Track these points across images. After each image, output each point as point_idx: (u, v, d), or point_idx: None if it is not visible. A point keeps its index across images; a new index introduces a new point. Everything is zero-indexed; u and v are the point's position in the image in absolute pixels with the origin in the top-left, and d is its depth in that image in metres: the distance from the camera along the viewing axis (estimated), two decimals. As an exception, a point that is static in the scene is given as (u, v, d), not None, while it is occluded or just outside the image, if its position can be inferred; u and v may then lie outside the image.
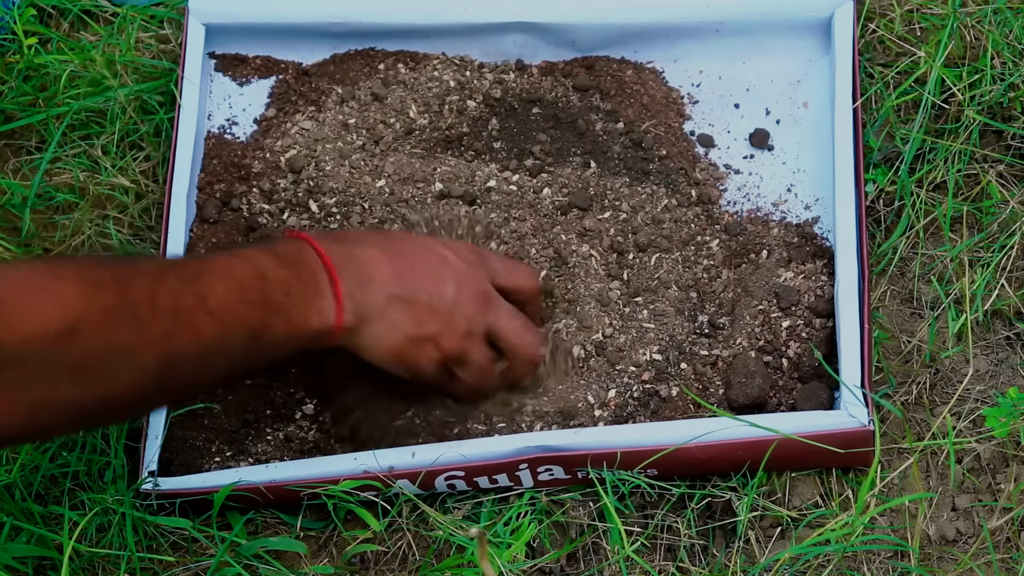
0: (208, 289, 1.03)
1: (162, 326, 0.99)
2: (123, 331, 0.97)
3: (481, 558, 0.89)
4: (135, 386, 0.99)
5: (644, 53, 1.40)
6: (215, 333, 1.03)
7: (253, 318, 1.05)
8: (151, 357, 0.99)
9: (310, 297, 1.09)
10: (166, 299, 1.00)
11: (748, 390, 1.21)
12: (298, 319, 1.08)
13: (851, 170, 1.26)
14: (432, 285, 1.15)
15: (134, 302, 0.98)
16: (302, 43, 1.42)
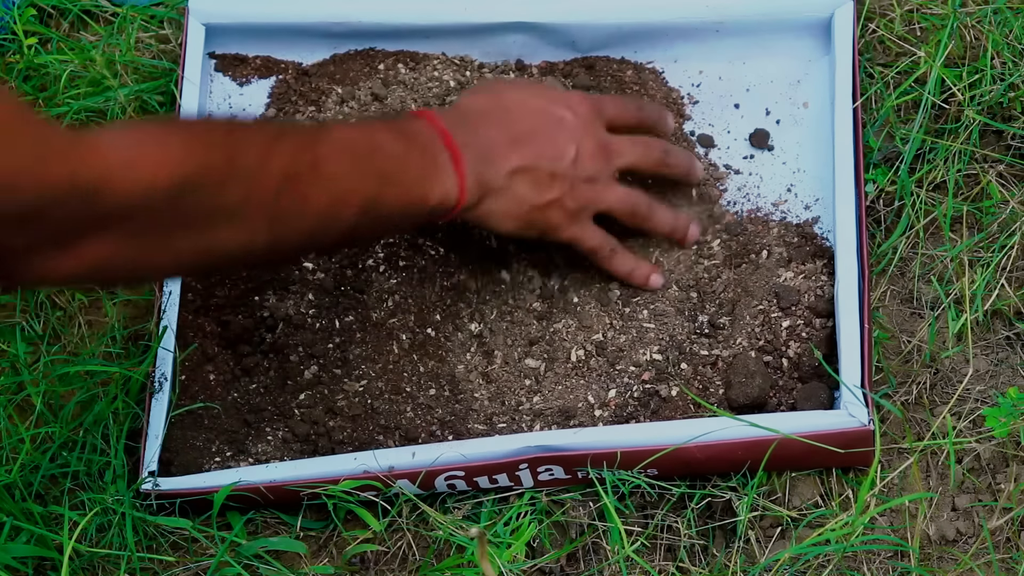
0: (322, 157, 1.05)
1: (272, 190, 1.02)
2: (232, 192, 0.99)
3: (481, 558, 0.89)
4: (244, 244, 1.02)
5: (644, 53, 1.39)
6: (327, 201, 1.05)
7: (367, 189, 1.07)
8: (260, 219, 1.01)
9: (430, 172, 1.12)
10: (278, 163, 1.02)
11: (748, 390, 1.21)
12: (416, 193, 1.11)
13: (851, 170, 1.26)
14: (552, 149, 1.18)
15: (246, 164, 1.00)
16: (302, 43, 1.42)
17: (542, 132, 1.19)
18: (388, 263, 1.29)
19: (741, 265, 1.28)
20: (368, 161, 1.08)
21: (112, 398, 1.24)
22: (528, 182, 1.17)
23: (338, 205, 1.07)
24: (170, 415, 1.23)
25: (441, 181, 1.13)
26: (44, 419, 1.24)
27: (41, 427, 1.24)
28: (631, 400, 1.23)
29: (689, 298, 1.28)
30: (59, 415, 1.24)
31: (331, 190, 1.06)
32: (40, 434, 1.24)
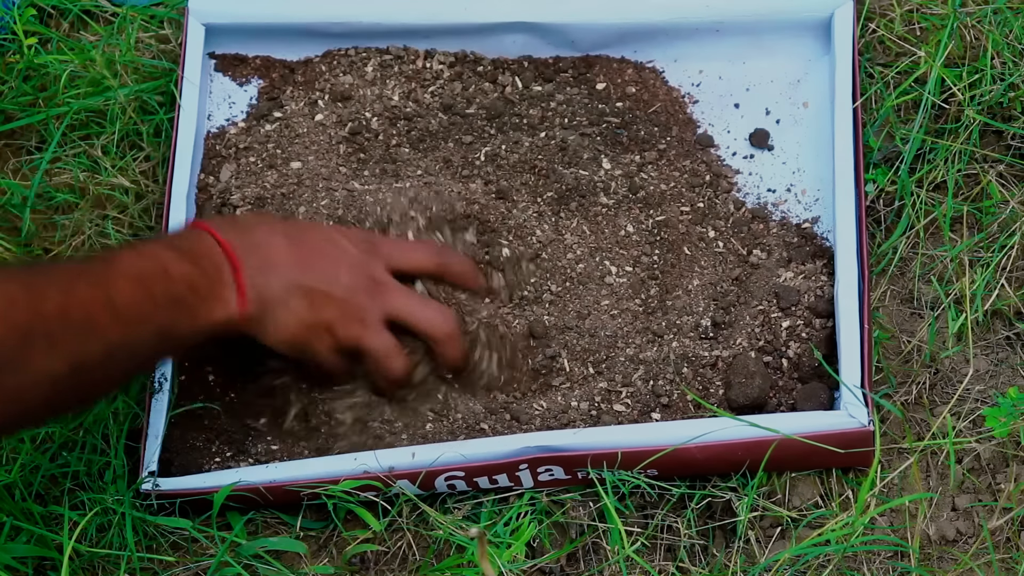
0: (116, 292, 1.06)
1: (73, 338, 1.03)
2: (36, 348, 1.00)
3: (481, 558, 0.89)
4: (47, 393, 1.02)
5: (644, 53, 1.39)
6: (122, 335, 1.06)
7: (159, 317, 1.08)
8: (63, 367, 1.02)
9: (214, 289, 1.12)
10: (77, 310, 1.03)
11: (748, 390, 1.21)
12: (203, 313, 1.11)
13: (851, 170, 1.26)
14: (328, 273, 1.18)
15: (46, 318, 1.01)
16: (302, 43, 1.42)
17: (321, 255, 1.19)
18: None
19: (742, 265, 1.29)
20: (158, 289, 1.09)
21: (112, 398, 1.24)
22: (303, 298, 1.17)
23: (133, 337, 1.07)
24: (170, 415, 1.23)
25: (224, 297, 1.13)
26: (44, 419, 1.24)
27: (41, 427, 1.24)
28: (631, 400, 1.23)
29: (689, 297, 1.28)
30: (59, 415, 1.24)
31: (126, 324, 1.06)
32: (40, 434, 1.24)
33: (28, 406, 1.02)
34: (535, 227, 1.30)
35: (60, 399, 1.05)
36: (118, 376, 1.12)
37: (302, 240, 1.19)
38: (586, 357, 1.26)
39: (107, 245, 1.35)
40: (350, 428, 1.23)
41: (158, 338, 1.09)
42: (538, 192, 1.32)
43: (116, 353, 1.06)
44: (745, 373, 1.22)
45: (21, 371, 0.99)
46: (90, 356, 1.04)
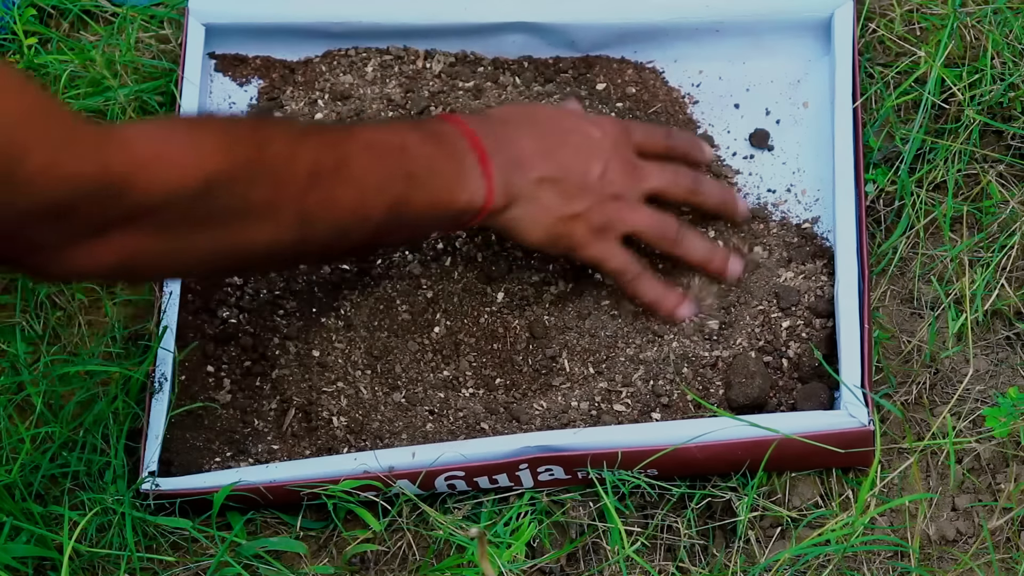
0: (349, 156, 1.06)
1: (299, 188, 1.02)
2: (260, 188, 1.00)
3: (481, 558, 0.89)
4: (271, 242, 1.02)
5: (644, 53, 1.39)
6: (354, 200, 1.05)
7: (394, 189, 1.08)
8: (288, 214, 1.02)
9: (457, 175, 1.12)
10: (305, 161, 1.03)
11: (748, 390, 1.21)
12: (443, 195, 1.11)
13: (851, 170, 1.26)
14: (580, 163, 1.18)
15: (273, 160, 1.01)
16: (302, 43, 1.42)
17: (571, 146, 1.19)
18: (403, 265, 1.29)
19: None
20: (396, 161, 1.09)
21: (112, 398, 1.24)
22: (555, 192, 1.17)
23: (365, 205, 1.07)
24: (170, 415, 1.23)
25: (469, 183, 1.13)
26: (44, 419, 1.24)
27: (41, 427, 1.24)
28: (631, 400, 1.23)
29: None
30: (59, 415, 1.24)
31: (358, 189, 1.06)
32: (40, 434, 1.24)
33: (249, 246, 1.02)
34: None
35: (284, 249, 1.05)
36: (347, 243, 1.10)
37: (551, 131, 1.19)
38: (586, 357, 1.26)
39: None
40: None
41: (390, 211, 1.08)
42: None
43: (345, 216, 1.05)
44: (745, 373, 1.22)
45: (243, 208, 0.99)
46: (318, 212, 1.03)
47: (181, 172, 0.96)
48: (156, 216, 0.96)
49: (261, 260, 1.09)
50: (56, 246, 0.92)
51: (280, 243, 1.03)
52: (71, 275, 1.02)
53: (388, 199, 1.08)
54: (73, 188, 0.89)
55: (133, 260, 0.97)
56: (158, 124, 1.04)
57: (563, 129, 1.20)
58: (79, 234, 0.93)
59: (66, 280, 1.02)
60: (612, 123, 1.24)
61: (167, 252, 0.98)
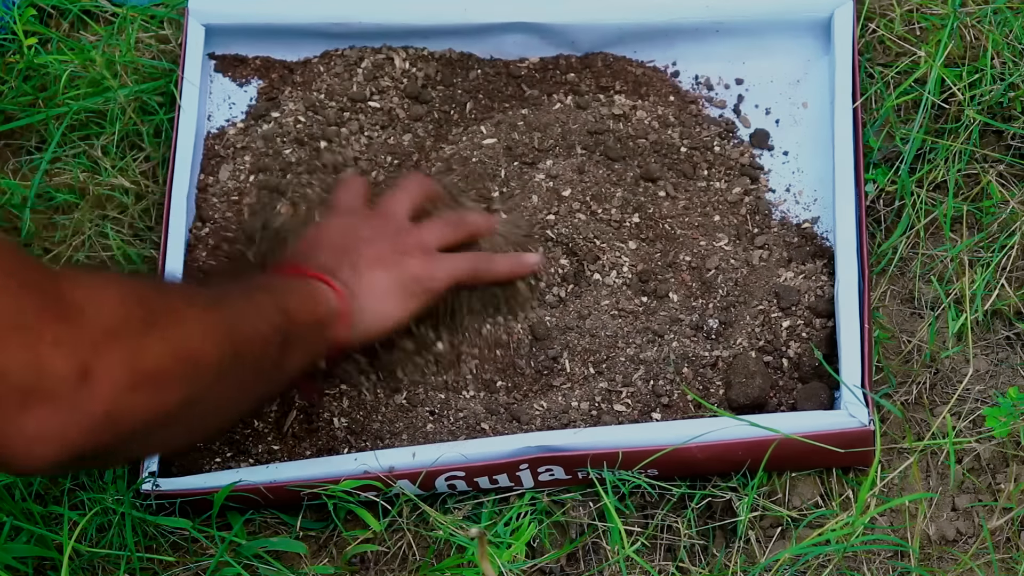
0: (229, 290, 1.08)
1: (220, 308, 1.03)
2: (192, 311, 1.00)
3: (481, 558, 0.89)
4: (216, 365, 0.98)
5: (644, 53, 1.39)
6: (257, 313, 1.07)
7: (279, 302, 1.10)
8: (222, 332, 1.00)
9: (309, 288, 1.15)
10: (204, 294, 1.05)
11: (748, 390, 1.21)
12: (310, 302, 1.13)
13: (851, 170, 1.26)
14: (365, 233, 1.22)
15: (183, 294, 1.04)
16: (302, 44, 1.42)
17: (354, 231, 1.22)
18: None
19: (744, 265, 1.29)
20: (265, 297, 1.10)
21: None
22: (368, 255, 1.19)
23: (269, 323, 1.07)
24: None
25: (324, 295, 1.15)
26: (44, 419, 1.24)
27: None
28: (631, 400, 1.23)
29: (690, 298, 1.28)
30: (59, 415, 1.24)
31: (256, 313, 1.07)
32: (40, 434, 1.23)
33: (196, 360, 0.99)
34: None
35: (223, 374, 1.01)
36: (264, 374, 1.09)
37: (329, 234, 1.22)
38: (586, 357, 1.26)
39: (107, 245, 1.34)
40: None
41: (281, 330, 1.08)
42: None
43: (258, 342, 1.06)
44: (745, 373, 1.22)
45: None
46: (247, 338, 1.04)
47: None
48: (119, 347, 0.90)
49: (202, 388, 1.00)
50: (32, 392, 0.84)
51: (223, 355, 0.99)
52: (55, 443, 0.88)
53: (279, 311, 1.09)
54: (31, 299, 0.85)
55: (118, 406, 0.89)
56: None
57: (336, 227, 1.23)
58: (52, 372, 0.85)
59: (50, 457, 0.88)
60: (380, 203, 1.26)
61: (146, 389, 0.92)
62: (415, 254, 1.21)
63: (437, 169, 1.33)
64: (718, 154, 1.34)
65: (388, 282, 1.19)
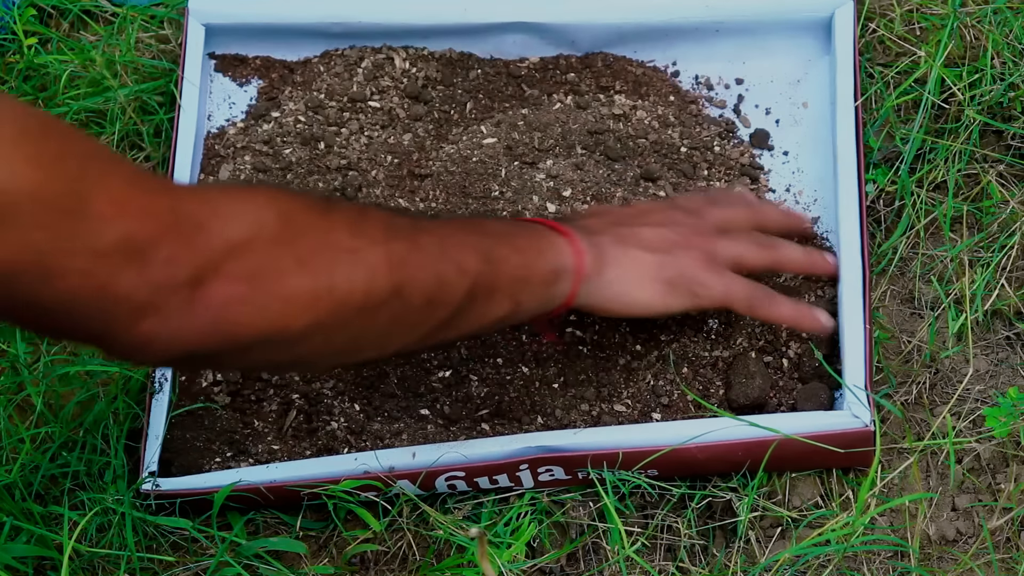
0: (419, 220, 1.03)
1: (380, 228, 0.97)
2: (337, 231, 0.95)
3: (481, 558, 0.89)
4: (364, 294, 0.95)
5: (644, 53, 1.39)
6: (439, 249, 1.00)
7: (481, 243, 1.03)
8: (377, 257, 0.95)
9: (536, 236, 1.08)
10: (375, 213, 0.99)
11: (748, 390, 1.21)
12: (531, 251, 1.06)
13: (852, 170, 1.26)
14: (659, 216, 1.15)
15: (343, 211, 0.97)
16: (302, 43, 1.42)
17: (646, 212, 1.17)
18: None
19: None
20: (475, 229, 1.05)
21: (112, 398, 1.24)
22: (644, 245, 1.11)
23: (454, 262, 1.01)
24: (170, 415, 1.23)
25: (556, 249, 1.07)
26: (44, 419, 1.24)
27: (41, 427, 1.24)
28: (632, 401, 1.23)
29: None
30: (59, 415, 1.24)
31: (438, 248, 1.00)
32: (40, 434, 1.24)
33: (346, 297, 0.94)
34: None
35: (379, 305, 0.96)
36: (443, 308, 1.01)
37: (630, 211, 1.17)
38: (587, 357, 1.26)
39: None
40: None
41: (486, 266, 1.02)
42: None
43: (440, 268, 1.00)
44: (745, 373, 1.22)
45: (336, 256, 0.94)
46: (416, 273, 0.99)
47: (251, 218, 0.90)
48: (242, 260, 0.88)
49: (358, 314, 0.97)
50: (143, 307, 0.85)
51: (376, 290, 0.95)
52: (165, 346, 0.88)
53: (478, 251, 1.02)
54: (145, 222, 0.84)
55: (229, 316, 0.88)
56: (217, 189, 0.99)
57: (637, 207, 1.19)
58: (163, 286, 0.85)
59: (161, 356, 0.89)
60: (692, 200, 1.21)
61: (266, 305, 0.90)
62: (699, 254, 1.13)
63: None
64: (718, 154, 1.34)
65: (653, 266, 1.11)
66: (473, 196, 1.31)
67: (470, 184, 1.32)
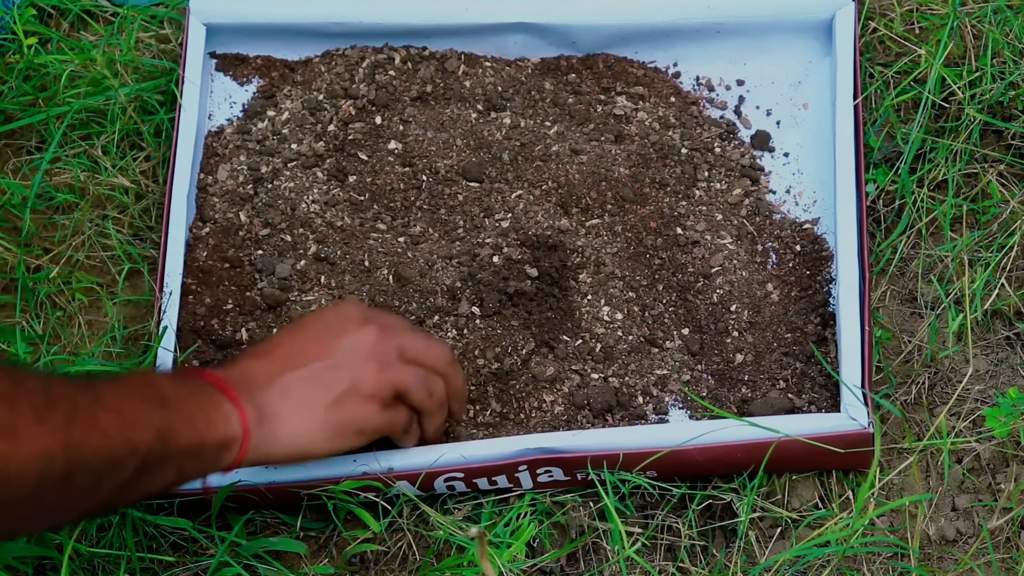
0: (103, 391, 0.97)
1: (61, 417, 0.92)
2: (23, 417, 0.91)
3: (481, 558, 0.89)
4: (39, 476, 0.91)
5: (645, 54, 1.39)
6: (118, 429, 0.96)
7: (154, 417, 0.99)
8: (54, 445, 0.92)
9: (208, 402, 1.04)
10: (61, 394, 0.94)
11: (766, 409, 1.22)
12: (202, 421, 1.02)
13: (852, 170, 1.26)
14: (319, 347, 1.10)
15: (31, 393, 0.92)
16: (303, 43, 1.42)
17: (316, 338, 1.11)
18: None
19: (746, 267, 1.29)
20: (149, 394, 1.00)
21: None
22: (304, 387, 1.08)
23: (132, 435, 0.97)
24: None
25: (222, 408, 1.04)
26: (44, 419, 1.24)
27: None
28: (632, 401, 1.23)
29: (689, 300, 1.28)
30: (59, 415, 1.24)
31: (121, 418, 0.96)
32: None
33: (15, 494, 0.91)
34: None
35: (52, 491, 0.93)
36: (113, 484, 0.98)
37: (295, 338, 1.12)
38: (587, 356, 1.26)
39: (107, 245, 1.35)
40: None
41: (158, 442, 0.98)
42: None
43: (114, 446, 0.95)
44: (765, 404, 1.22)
45: (7, 445, 0.90)
46: (83, 442, 0.93)
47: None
48: None
49: (30, 506, 0.93)
50: None
51: (46, 478, 0.91)
52: None
53: (152, 428, 0.98)
54: None
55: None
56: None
57: (293, 330, 1.13)
58: None
59: None
60: (342, 303, 1.16)
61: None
62: (367, 383, 1.10)
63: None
64: (719, 155, 1.34)
65: (319, 417, 1.09)
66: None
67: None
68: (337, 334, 1.12)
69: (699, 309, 1.26)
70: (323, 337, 1.11)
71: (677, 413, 1.22)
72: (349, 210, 1.33)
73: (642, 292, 1.27)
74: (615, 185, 1.31)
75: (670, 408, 1.22)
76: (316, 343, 1.11)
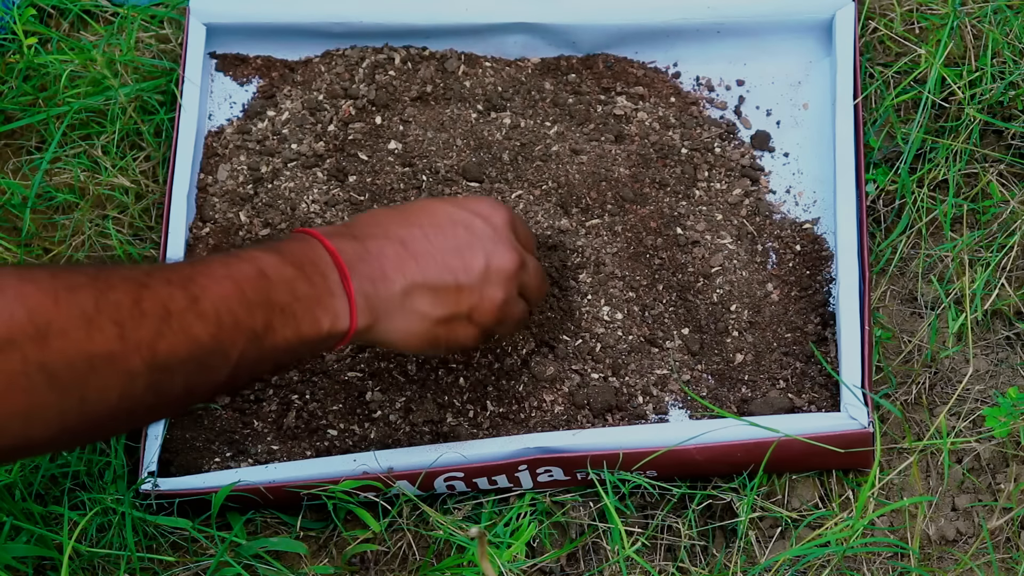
0: (202, 291, 0.95)
1: (149, 330, 0.92)
2: (103, 335, 0.89)
3: (481, 558, 0.89)
4: (122, 394, 0.91)
5: (645, 54, 1.39)
6: (211, 336, 0.94)
7: (254, 320, 0.97)
8: (138, 362, 0.91)
9: (320, 297, 1.02)
10: (153, 302, 0.92)
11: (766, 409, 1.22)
12: (306, 321, 1.01)
13: (852, 170, 1.26)
14: (458, 262, 1.09)
15: (116, 305, 0.90)
16: (303, 43, 1.42)
17: (446, 242, 1.09)
18: None
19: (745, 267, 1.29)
20: (253, 291, 0.99)
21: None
22: (430, 298, 1.07)
23: (224, 340, 0.96)
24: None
25: (331, 305, 1.03)
26: (44, 419, 1.24)
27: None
28: (632, 401, 1.23)
29: (689, 300, 1.28)
30: (59, 415, 1.24)
31: (215, 324, 0.95)
32: (40, 434, 1.24)
33: (97, 403, 0.90)
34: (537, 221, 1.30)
35: (138, 402, 0.92)
36: (208, 384, 0.97)
37: (422, 233, 1.09)
38: (587, 356, 1.26)
39: (107, 245, 1.35)
40: None
41: (252, 344, 0.97)
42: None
43: (203, 356, 0.94)
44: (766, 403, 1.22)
45: (85, 360, 0.89)
46: (172, 355, 0.93)
47: (8, 324, 0.86)
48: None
49: (112, 418, 0.93)
50: None
51: (132, 394, 0.91)
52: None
53: (247, 332, 0.97)
54: None
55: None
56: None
57: (438, 225, 1.10)
58: None
59: None
60: (494, 208, 1.13)
61: (3, 421, 0.87)
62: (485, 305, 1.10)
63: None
64: (719, 155, 1.34)
65: (427, 329, 1.08)
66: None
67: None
68: (480, 253, 1.09)
69: (699, 309, 1.26)
70: (464, 252, 1.09)
71: (677, 413, 1.22)
72: (349, 210, 1.33)
73: (642, 292, 1.27)
74: (615, 185, 1.31)
75: (670, 408, 1.22)
76: (456, 258, 1.09)
